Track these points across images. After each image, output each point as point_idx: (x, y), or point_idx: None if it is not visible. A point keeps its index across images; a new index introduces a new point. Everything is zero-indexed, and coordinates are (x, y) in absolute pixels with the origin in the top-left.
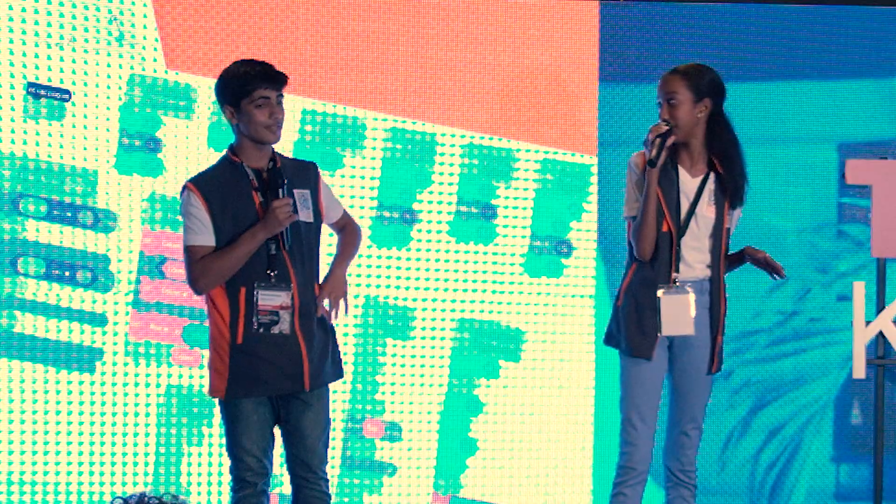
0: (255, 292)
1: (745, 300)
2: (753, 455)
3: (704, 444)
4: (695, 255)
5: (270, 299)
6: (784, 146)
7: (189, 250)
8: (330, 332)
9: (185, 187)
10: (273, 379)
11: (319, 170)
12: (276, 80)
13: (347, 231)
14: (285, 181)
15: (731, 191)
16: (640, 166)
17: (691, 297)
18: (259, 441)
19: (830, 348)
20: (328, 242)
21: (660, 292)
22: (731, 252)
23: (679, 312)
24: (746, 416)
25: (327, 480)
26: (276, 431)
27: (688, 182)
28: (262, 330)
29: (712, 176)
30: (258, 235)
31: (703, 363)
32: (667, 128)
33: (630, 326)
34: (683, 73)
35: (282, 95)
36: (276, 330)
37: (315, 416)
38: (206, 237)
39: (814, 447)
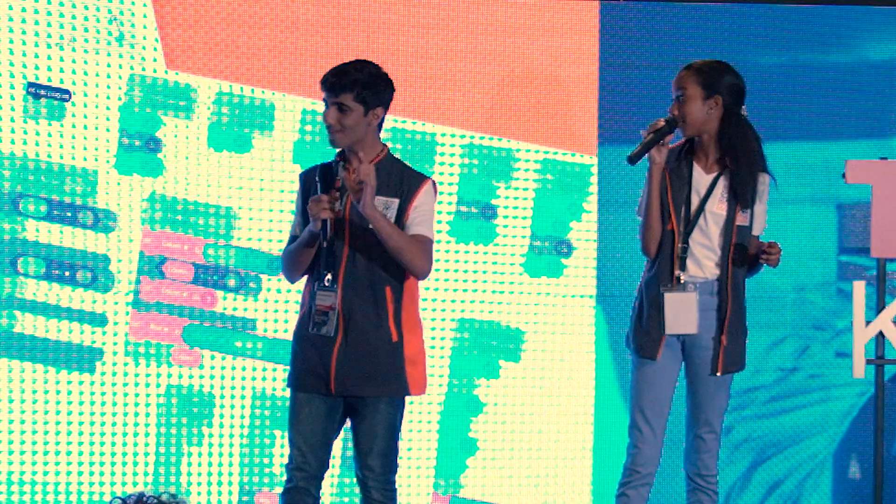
0: (314, 292)
1: (747, 357)
2: None
3: None
4: (704, 252)
5: (323, 300)
6: (783, 204)
7: (289, 238)
8: (390, 346)
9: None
10: (305, 376)
11: (428, 187)
12: (327, 84)
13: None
14: (327, 177)
15: (741, 189)
16: (655, 163)
17: (695, 295)
18: (308, 436)
19: (829, 404)
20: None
21: (663, 290)
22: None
23: (682, 311)
24: (746, 471)
25: (386, 490)
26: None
27: (700, 179)
28: (315, 329)
29: (726, 173)
30: (310, 229)
31: (708, 365)
32: (663, 125)
33: (637, 326)
34: (696, 70)
35: (341, 100)
36: (324, 331)
37: (368, 427)
38: (297, 226)
39: (812, 502)
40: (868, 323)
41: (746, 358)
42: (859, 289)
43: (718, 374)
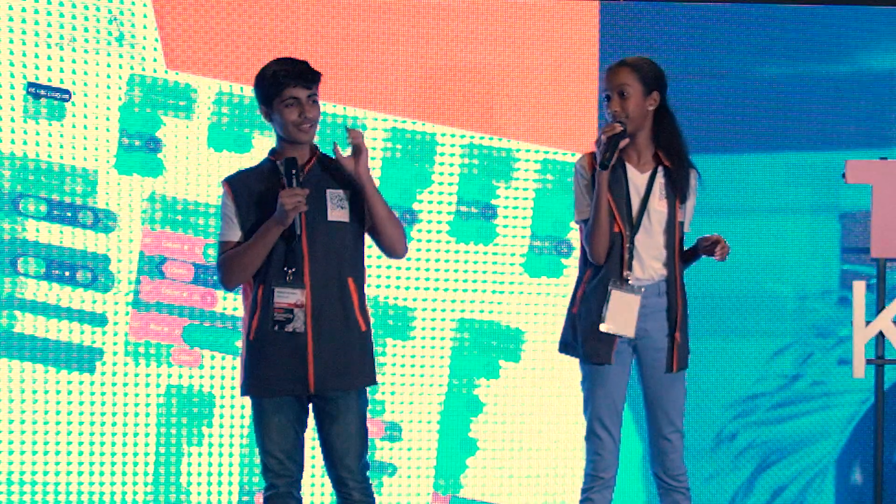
0: (271, 291)
1: (748, 365)
2: None
3: None
4: (650, 253)
5: (285, 297)
6: (784, 212)
7: (219, 245)
8: (360, 337)
9: (220, 184)
10: (280, 379)
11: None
12: (306, 78)
13: None
14: (293, 172)
15: (679, 183)
16: (587, 168)
17: (639, 299)
18: (281, 443)
19: (831, 411)
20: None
21: (611, 287)
22: (685, 248)
23: (625, 311)
24: (750, 477)
25: (364, 487)
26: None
27: (636, 178)
28: (276, 328)
29: (661, 170)
30: (271, 227)
31: (664, 364)
32: (621, 128)
33: (587, 333)
34: (633, 65)
35: (314, 93)
36: (290, 328)
37: (342, 427)
38: (233, 232)
39: None
40: (868, 323)
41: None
42: (859, 289)
43: (675, 371)
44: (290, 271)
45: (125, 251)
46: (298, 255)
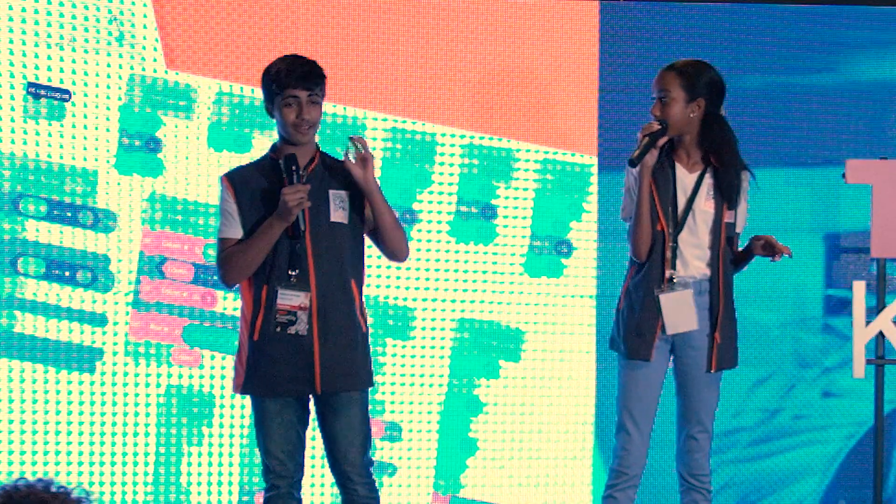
0: (275, 291)
1: (725, 398)
2: None
3: None
4: (693, 252)
5: (289, 299)
6: (767, 233)
7: (219, 242)
8: (362, 338)
9: (219, 180)
10: (284, 380)
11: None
12: (307, 79)
13: None
14: (294, 168)
15: (727, 186)
16: (646, 166)
17: (691, 292)
18: (283, 444)
19: (815, 447)
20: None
21: (658, 293)
22: (740, 249)
23: (680, 310)
24: None
25: (369, 483)
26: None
27: (685, 177)
28: (279, 329)
29: (710, 171)
30: (273, 224)
31: (702, 363)
32: (658, 127)
33: (628, 329)
34: (679, 71)
35: (315, 94)
36: (292, 330)
37: (346, 424)
38: (234, 229)
39: None
40: (868, 323)
41: (739, 358)
42: (859, 289)
43: (713, 370)
44: (293, 273)
45: (125, 251)
46: (302, 256)
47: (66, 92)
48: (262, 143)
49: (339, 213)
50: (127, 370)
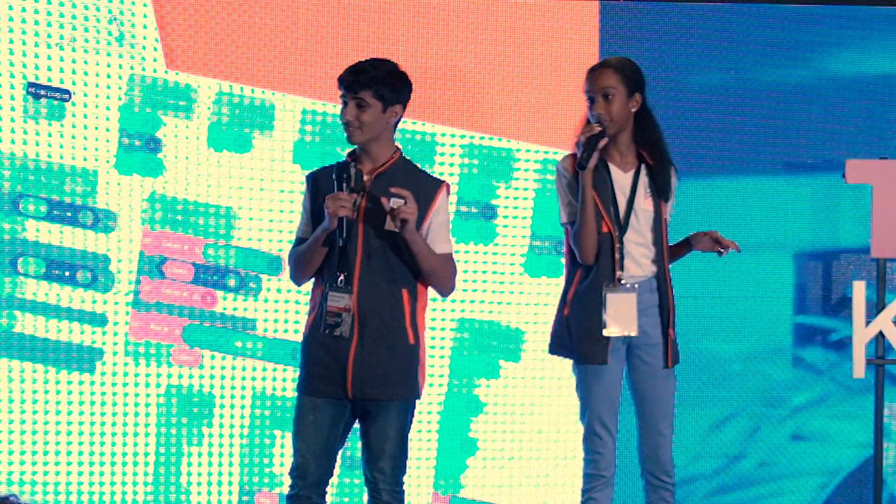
0: (326, 293)
1: (682, 441)
2: None
3: None
4: (639, 251)
5: (336, 301)
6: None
7: (295, 240)
8: (406, 348)
9: (305, 177)
10: (319, 380)
11: (444, 194)
12: (345, 82)
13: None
14: (345, 176)
15: (663, 182)
16: (570, 170)
17: (635, 296)
18: (311, 444)
19: (783, 498)
20: None
21: (605, 291)
22: (672, 243)
23: (624, 311)
24: None
25: (396, 493)
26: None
27: (620, 177)
28: (327, 331)
29: (643, 168)
30: (320, 228)
31: (660, 360)
32: (599, 129)
33: (581, 334)
34: (617, 67)
35: (360, 99)
36: (338, 332)
37: (379, 429)
38: (306, 228)
39: None
40: (868, 323)
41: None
42: (859, 289)
43: (669, 366)
44: (341, 275)
45: (125, 251)
46: (351, 260)
47: (66, 92)
48: (262, 143)
49: (390, 222)
50: (127, 370)
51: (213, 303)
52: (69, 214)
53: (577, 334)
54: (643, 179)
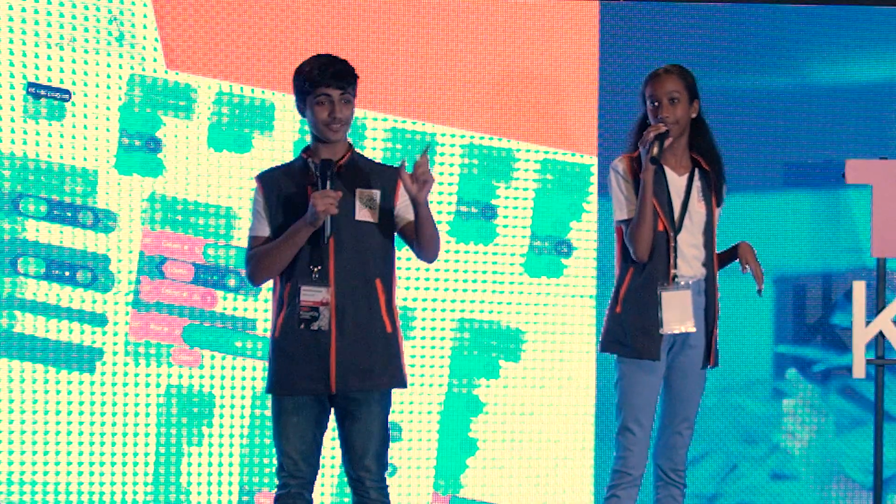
0: (298, 289)
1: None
2: None
3: None
4: (692, 252)
5: (311, 295)
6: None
7: (249, 241)
8: (385, 338)
9: (254, 179)
10: (301, 378)
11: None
12: (339, 78)
13: None
14: (329, 174)
15: (717, 187)
16: (627, 170)
17: (690, 293)
18: (297, 443)
19: None
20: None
21: (660, 290)
22: (720, 250)
23: (680, 308)
24: None
25: (381, 488)
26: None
27: (675, 180)
28: (303, 326)
29: (697, 173)
30: (300, 227)
31: (700, 360)
32: (665, 128)
33: (635, 330)
34: (680, 74)
35: (348, 93)
36: (315, 326)
37: (363, 427)
38: (263, 228)
39: None
40: (868, 323)
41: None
42: (859, 289)
43: (710, 366)
44: (315, 269)
45: (125, 251)
46: (325, 253)
47: (66, 92)
48: (262, 143)
49: (364, 212)
50: (127, 370)
51: (213, 303)
52: (69, 214)
53: (630, 331)
54: (697, 183)
